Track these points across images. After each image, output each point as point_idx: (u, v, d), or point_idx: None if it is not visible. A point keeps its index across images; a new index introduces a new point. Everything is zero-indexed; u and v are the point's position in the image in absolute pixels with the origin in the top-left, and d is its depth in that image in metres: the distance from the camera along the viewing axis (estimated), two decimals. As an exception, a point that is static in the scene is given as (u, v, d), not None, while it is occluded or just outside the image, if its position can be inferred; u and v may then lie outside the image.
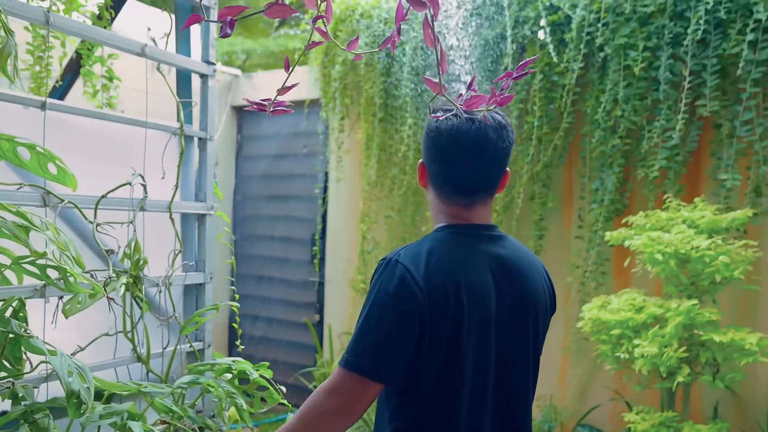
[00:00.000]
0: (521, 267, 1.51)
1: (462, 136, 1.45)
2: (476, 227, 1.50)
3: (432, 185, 1.55)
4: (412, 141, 4.11)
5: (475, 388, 1.44)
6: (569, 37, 3.56)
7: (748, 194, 3.25)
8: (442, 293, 1.39)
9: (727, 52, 3.21)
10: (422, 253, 1.43)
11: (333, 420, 1.36)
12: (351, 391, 1.36)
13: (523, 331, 1.51)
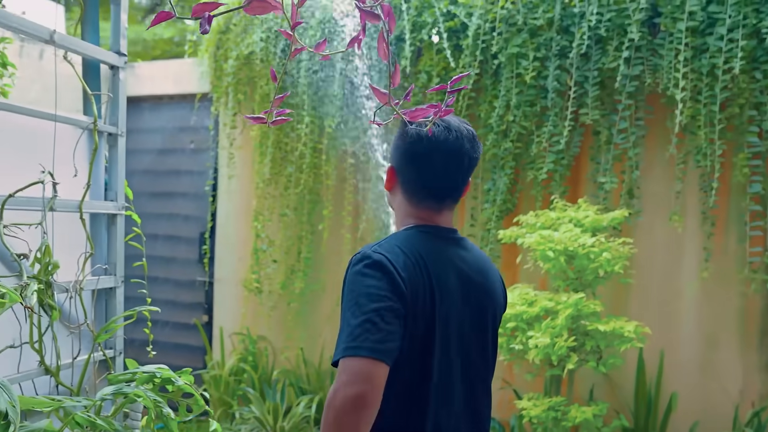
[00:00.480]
0: (483, 268, 1.58)
1: (441, 144, 1.49)
2: (444, 230, 1.56)
3: (403, 189, 1.57)
4: (309, 140, 4.10)
5: (444, 384, 1.48)
6: (465, 44, 3.72)
7: (623, 196, 3.58)
8: (420, 287, 1.42)
9: (606, 66, 3.51)
10: (396, 247, 1.45)
11: (355, 415, 1.28)
12: (360, 374, 1.29)
13: (485, 328, 1.58)
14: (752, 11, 3.33)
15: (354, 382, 1.28)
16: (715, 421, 3.59)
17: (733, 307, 3.66)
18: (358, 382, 1.28)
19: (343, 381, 1.30)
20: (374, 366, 1.30)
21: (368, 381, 1.29)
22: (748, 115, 3.44)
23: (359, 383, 1.28)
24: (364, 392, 1.28)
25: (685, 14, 3.38)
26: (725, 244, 3.61)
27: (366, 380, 1.29)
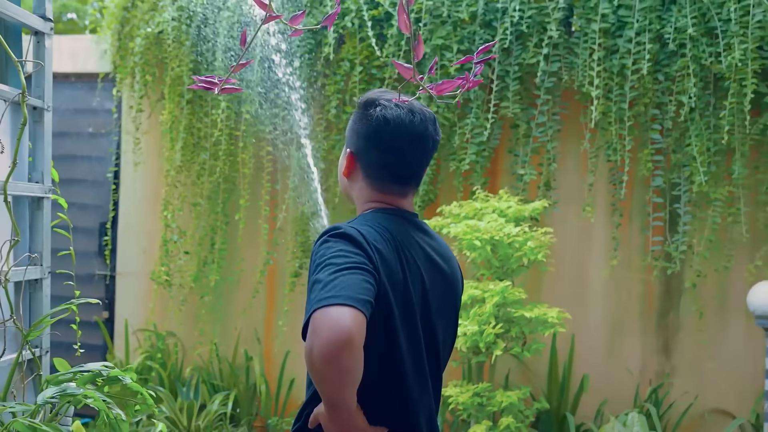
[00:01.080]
0: (446, 254, 1.57)
1: (407, 126, 1.46)
2: (408, 213, 1.53)
3: (365, 174, 1.52)
4: (226, 126, 3.93)
5: (419, 375, 1.45)
6: (389, 33, 3.71)
7: (541, 187, 3.72)
8: (393, 264, 1.37)
9: (526, 61, 3.63)
10: (366, 224, 1.40)
11: (338, 360, 1.16)
12: (338, 318, 1.17)
13: (449, 314, 1.57)
14: (656, 17, 3.56)
15: (333, 327, 1.16)
16: (620, 399, 3.82)
17: (636, 294, 3.92)
18: (337, 327, 1.16)
19: (319, 330, 1.17)
20: (353, 313, 1.18)
21: (348, 325, 1.16)
22: (652, 114, 3.68)
23: (338, 327, 1.16)
24: (346, 332, 1.16)
25: (598, 16, 3.56)
26: (629, 234, 3.85)
27: (345, 324, 1.16)
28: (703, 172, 3.51)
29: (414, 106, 1.50)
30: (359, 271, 1.28)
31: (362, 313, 1.20)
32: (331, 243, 1.33)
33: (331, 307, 1.19)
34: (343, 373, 1.19)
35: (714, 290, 3.78)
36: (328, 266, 1.28)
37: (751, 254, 3.70)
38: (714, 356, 3.84)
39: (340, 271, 1.26)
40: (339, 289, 1.22)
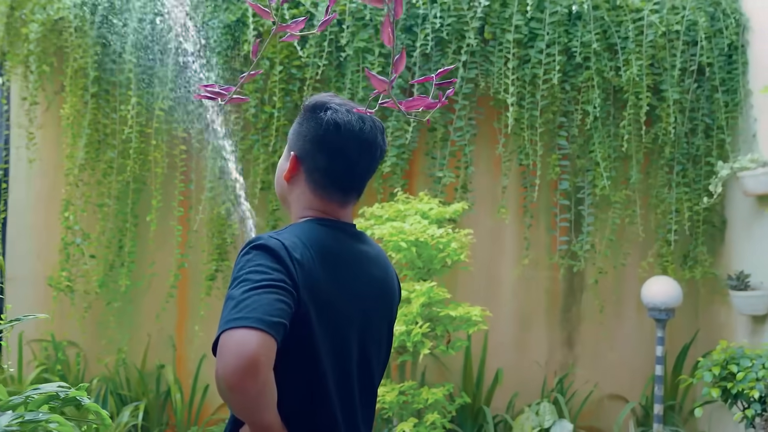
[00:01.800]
0: (383, 263, 1.54)
1: (357, 133, 1.41)
2: (344, 224, 1.48)
3: (308, 179, 1.44)
4: (137, 122, 3.73)
5: (343, 382, 1.40)
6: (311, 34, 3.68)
7: (458, 190, 3.85)
8: (318, 278, 1.32)
9: (446, 66, 3.74)
10: (294, 236, 1.34)
11: (243, 384, 1.12)
12: (243, 344, 1.13)
13: (383, 323, 1.54)
14: (564, 31, 3.80)
15: (236, 352, 1.13)
16: (530, 390, 4.05)
17: (542, 290, 4.16)
18: (240, 352, 1.12)
19: (223, 354, 1.14)
20: (259, 337, 1.14)
21: (252, 350, 1.13)
22: (559, 121, 3.92)
23: (241, 352, 1.13)
24: (249, 358, 1.12)
25: (512, 27, 3.74)
26: (537, 234, 4.08)
27: (249, 349, 1.13)
28: (606, 177, 3.79)
29: (363, 113, 1.44)
30: (275, 289, 1.22)
31: (271, 336, 1.16)
32: (251, 256, 1.28)
33: (238, 329, 1.15)
34: (251, 398, 1.15)
35: (612, 286, 4.10)
36: (244, 282, 1.23)
37: (644, 252, 4.05)
38: (611, 346, 4.16)
39: (254, 289, 1.21)
40: (249, 309, 1.17)
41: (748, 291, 3.64)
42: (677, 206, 3.90)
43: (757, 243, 3.70)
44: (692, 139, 3.92)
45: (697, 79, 3.89)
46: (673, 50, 3.83)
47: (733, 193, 3.88)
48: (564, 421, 3.69)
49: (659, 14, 3.80)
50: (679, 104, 3.84)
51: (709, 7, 3.87)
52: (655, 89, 3.86)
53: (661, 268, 3.97)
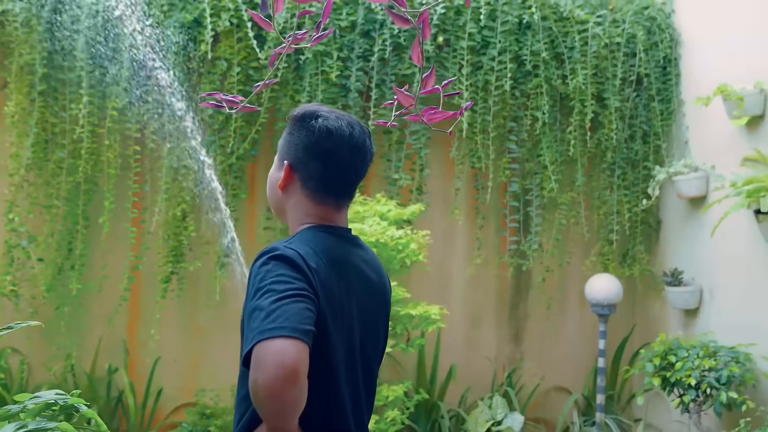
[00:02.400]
0: (377, 267, 1.60)
1: (348, 138, 1.46)
2: (342, 229, 1.54)
3: (303, 186, 1.49)
4: (88, 122, 3.63)
5: (352, 381, 1.46)
6: (270, 36, 3.69)
7: (413, 192, 3.95)
8: (329, 283, 1.39)
9: (402, 72, 3.83)
10: (305, 244, 1.40)
11: (283, 392, 1.16)
12: (282, 353, 1.17)
13: (380, 324, 1.60)
14: (515, 40, 3.97)
15: (277, 362, 1.16)
16: (481, 384, 4.20)
17: (492, 289, 4.32)
18: (282, 361, 1.16)
19: (263, 364, 1.17)
20: (296, 346, 1.18)
21: (293, 359, 1.17)
22: (510, 126, 4.09)
23: (283, 362, 1.16)
24: (291, 367, 1.16)
25: (465, 34, 3.87)
26: (487, 234, 4.23)
27: (290, 358, 1.17)
28: (553, 180, 3.98)
29: (351, 119, 1.51)
30: (301, 298, 1.26)
31: (306, 344, 1.20)
32: (271, 266, 1.31)
33: (275, 339, 1.18)
34: (289, 405, 1.19)
35: (557, 283, 4.30)
36: (270, 293, 1.26)
37: (587, 251, 4.28)
38: (556, 341, 4.37)
39: (282, 299, 1.24)
40: (282, 319, 1.21)
41: (681, 287, 3.91)
42: (618, 208, 4.14)
43: (690, 242, 3.98)
44: (631, 145, 4.17)
45: (636, 89, 4.14)
46: (614, 61, 4.07)
47: (667, 196, 4.16)
48: (515, 414, 3.85)
49: (602, 27, 4.02)
50: (619, 112, 4.08)
51: (645, 21, 4.12)
52: (599, 97, 4.09)
53: (603, 266, 4.21)
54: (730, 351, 3.34)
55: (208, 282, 3.90)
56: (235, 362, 1.37)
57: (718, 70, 3.72)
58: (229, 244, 3.65)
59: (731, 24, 3.72)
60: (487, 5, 3.87)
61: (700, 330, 3.79)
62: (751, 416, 3.16)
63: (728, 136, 3.63)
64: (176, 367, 3.99)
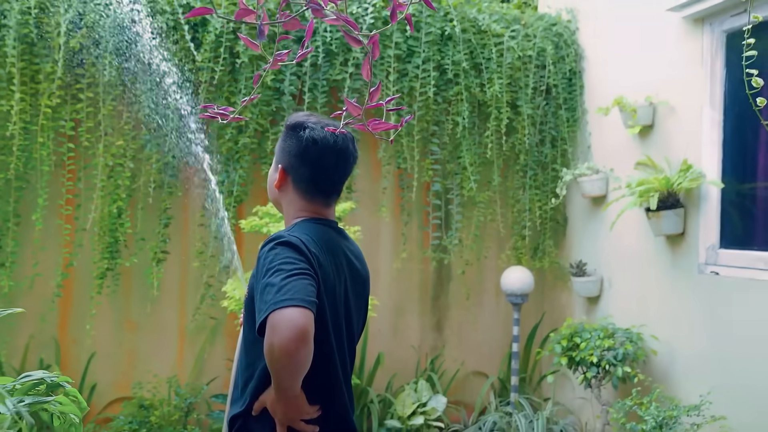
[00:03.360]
0: (360, 256, 1.86)
1: (332, 146, 1.71)
2: (333, 223, 1.79)
3: (296, 187, 1.74)
4: (20, 119, 3.63)
5: (342, 359, 1.72)
6: (206, 39, 3.82)
7: (344, 190, 4.17)
8: (325, 267, 1.63)
9: (333, 77, 4.06)
10: (303, 233, 1.64)
11: (298, 353, 1.38)
12: (293, 319, 1.39)
13: (364, 303, 1.87)
14: (437, 50, 4.28)
15: (291, 325, 1.38)
16: (406, 371, 4.49)
17: (415, 281, 4.62)
18: (294, 325, 1.38)
19: (278, 328, 1.38)
20: (305, 313, 1.41)
21: (304, 323, 1.39)
22: (432, 129, 4.40)
23: (295, 325, 1.38)
24: (302, 328, 1.38)
25: (392, 44, 4.14)
26: (411, 230, 4.53)
27: (302, 322, 1.39)
28: (472, 180, 4.33)
29: (336, 127, 1.74)
30: (305, 276, 1.49)
31: (312, 311, 1.43)
32: (279, 250, 1.54)
33: (287, 308, 1.41)
34: (300, 363, 1.41)
35: (475, 276, 4.66)
36: (279, 272, 1.48)
37: (502, 246, 4.65)
38: (474, 329, 4.73)
39: (290, 277, 1.47)
40: (292, 292, 1.43)
41: (585, 277, 4.35)
42: (530, 206, 4.54)
43: (592, 237, 4.43)
44: (542, 149, 4.58)
45: (546, 98, 4.55)
46: (526, 72, 4.46)
47: (573, 195, 4.60)
48: (439, 396, 4.17)
49: (516, 40, 4.40)
50: (531, 118, 4.48)
51: (553, 37, 4.54)
52: (513, 105, 4.47)
53: (517, 259, 4.60)
54: (625, 332, 3.78)
55: (141, 278, 3.98)
56: (170, 356, 1.55)
57: (616, 83, 4.17)
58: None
59: (625, 44, 4.18)
60: (413, 17, 4.15)
61: (601, 315, 4.24)
62: (641, 386, 3.60)
63: (624, 142, 4.09)
64: (110, 363, 4.04)
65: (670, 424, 3.12)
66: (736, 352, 3.27)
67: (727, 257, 3.39)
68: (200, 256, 4.04)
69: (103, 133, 3.79)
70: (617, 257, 4.18)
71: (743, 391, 3.20)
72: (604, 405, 3.82)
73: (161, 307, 4.09)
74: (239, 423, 1.67)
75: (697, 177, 3.50)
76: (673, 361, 3.68)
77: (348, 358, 1.76)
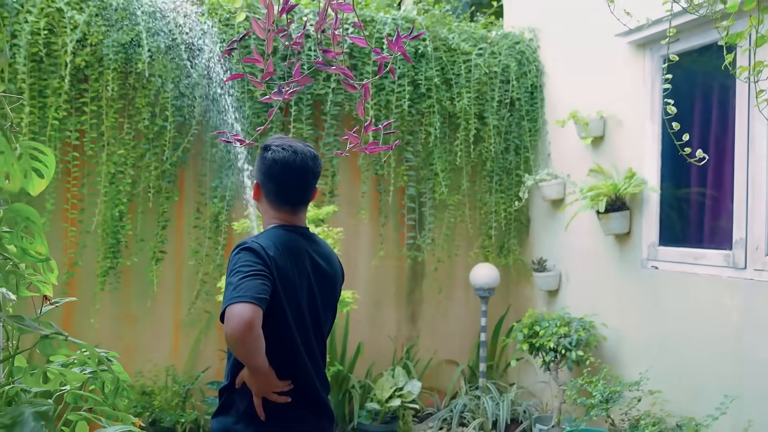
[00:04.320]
0: (328, 257, 2.20)
1: (291, 164, 2.00)
2: (300, 228, 2.12)
3: (266, 199, 2.07)
4: (30, 131, 3.96)
5: (307, 344, 2.04)
6: (201, 58, 4.18)
7: (326, 195, 4.58)
8: (285, 268, 1.96)
9: (317, 92, 4.45)
10: (268, 239, 1.98)
11: (244, 337, 1.72)
12: (242, 312, 1.71)
13: (329, 300, 2.20)
14: (411, 67, 4.70)
15: (238, 316, 1.71)
16: (384, 359, 4.91)
17: (392, 277, 5.04)
18: (240, 316, 1.71)
19: (230, 320, 1.71)
20: (252, 308, 1.73)
21: (250, 315, 1.72)
22: (407, 139, 4.82)
23: (241, 316, 1.71)
24: (247, 320, 1.71)
25: (371, 61, 4.55)
26: (388, 231, 4.95)
27: (247, 315, 1.72)
28: (444, 185, 4.76)
29: (297, 147, 2.07)
30: (259, 276, 1.80)
31: (259, 306, 1.74)
32: (241, 255, 1.87)
33: (237, 303, 1.73)
34: (249, 346, 1.74)
35: (447, 272, 5.10)
36: (238, 273, 1.81)
37: (471, 244, 5.10)
38: (446, 321, 5.16)
39: (246, 277, 1.79)
40: (244, 290, 1.75)
41: (545, 272, 4.82)
42: (496, 208, 4.99)
43: (551, 236, 4.90)
44: (506, 156, 5.04)
45: (510, 110, 5.01)
46: (492, 86, 4.90)
47: (535, 198, 5.06)
48: (414, 381, 4.60)
49: (483, 57, 4.85)
50: (497, 129, 4.93)
51: (517, 54, 5.00)
52: (480, 116, 4.91)
53: (484, 256, 5.05)
54: (580, 321, 4.25)
55: (141, 275, 4.33)
56: (166, 347, 1.89)
57: (572, 98, 4.64)
58: None
59: (580, 63, 4.65)
60: (389, 36, 4.57)
61: (559, 306, 4.71)
62: (592, 368, 4.07)
63: (579, 151, 4.56)
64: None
65: (614, 398, 3.59)
66: (671, 335, 3.75)
67: (665, 253, 3.87)
68: (195, 255, 4.41)
69: (106, 143, 4.13)
70: (573, 254, 4.65)
71: (676, 367, 3.69)
72: (561, 385, 4.28)
73: (158, 303, 4.44)
74: (225, 395, 2.03)
75: (639, 183, 3.97)
76: (620, 345, 4.16)
77: (315, 339, 2.08)
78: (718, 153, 3.61)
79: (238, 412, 1.93)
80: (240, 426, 1.91)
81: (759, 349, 3.23)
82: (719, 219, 3.62)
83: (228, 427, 1.93)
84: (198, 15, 4.24)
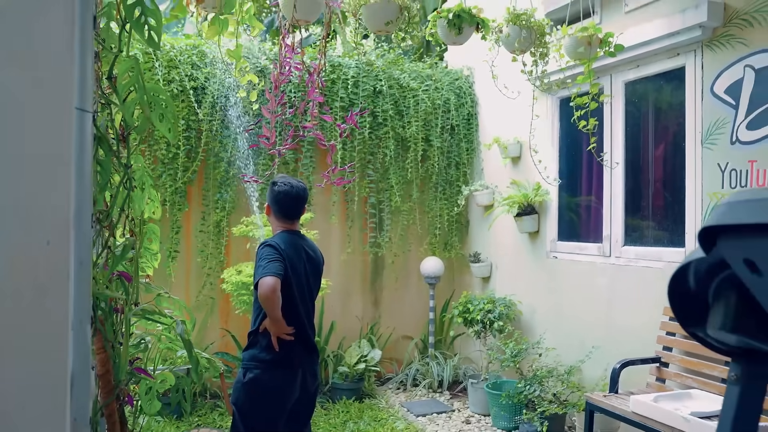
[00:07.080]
0: (314, 248, 3.43)
1: (289, 194, 3.25)
2: (296, 232, 3.35)
3: (274, 215, 3.30)
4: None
5: (303, 305, 3.28)
6: (205, 101, 5.34)
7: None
8: (291, 258, 3.19)
9: (296, 123, 5.64)
10: (280, 240, 3.20)
11: (273, 294, 2.84)
12: (270, 281, 2.84)
13: (318, 274, 3.44)
14: (371, 101, 5.91)
15: (267, 284, 2.87)
16: (352, 335, 6.12)
17: (358, 270, 6.25)
18: (268, 283, 2.87)
19: (262, 286, 2.86)
20: (274, 279, 2.87)
21: (274, 283, 2.87)
22: (368, 158, 6.04)
23: (269, 284, 2.86)
24: (273, 285, 2.88)
25: (338, 96, 5.75)
26: (354, 232, 6.16)
27: (273, 282, 2.87)
28: (398, 195, 5.99)
29: (293, 183, 3.32)
30: (277, 261, 3.00)
31: (279, 278, 2.94)
32: (265, 249, 3.09)
33: (266, 276, 2.90)
34: (274, 302, 2.91)
35: (402, 264, 6.33)
36: (264, 259, 2.99)
37: (421, 242, 6.34)
38: (402, 304, 6.39)
39: (270, 262, 3.01)
40: (269, 269, 2.94)
41: (479, 263, 6.07)
42: (440, 213, 6.24)
43: (484, 234, 6.16)
44: (448, 171, 6.28)
45: (451, 134, 6.25)
46: (436, 115, 6.14)
47: (471, 205, 6.32)
48: (376, 350, 5.82)
49: (428, 93, 6.09)
50: (440, 149, 6.17)
51: (456, 89, 6.24)
52: (426, 139, 6.15)
53: (432, 251, 6.29)
54: (503, 300, 5.51)
55: (161, 269, 5.47)
56: None
57: (496, 125, 5.90)
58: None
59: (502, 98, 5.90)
60: (353, 78, 5.78)
61: (491, 289, 5.97)
62: (510, 336, 5.34)
63: (502, 168, 5.82)
64: (135, 333, 5.51)
65: (522, 354, 4.85)
66: (564, 306, 5.04)
67: (562, 246, 5.15)
68: (201, 254, 5.57)
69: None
70: (499, 248, 5.91)
71: (566, 330, 4.97)
72: (487, 350, 5.54)
73: (173, 290, 5.54)
74: (253, 336, 3.21)
75: (544, 194, 5.24)
76: (531, 316, 5.43)
77: (309, 305, 3.31)
78: (598, 170, 4.89)
79: (261, 345, 3.13)
80: (263, 354, 3.11)
81: (619, 314, 4.52)
82: (596, 220, 4.91)
83: (255, 355, 3.12)
84: (203, 66, 5.39)
